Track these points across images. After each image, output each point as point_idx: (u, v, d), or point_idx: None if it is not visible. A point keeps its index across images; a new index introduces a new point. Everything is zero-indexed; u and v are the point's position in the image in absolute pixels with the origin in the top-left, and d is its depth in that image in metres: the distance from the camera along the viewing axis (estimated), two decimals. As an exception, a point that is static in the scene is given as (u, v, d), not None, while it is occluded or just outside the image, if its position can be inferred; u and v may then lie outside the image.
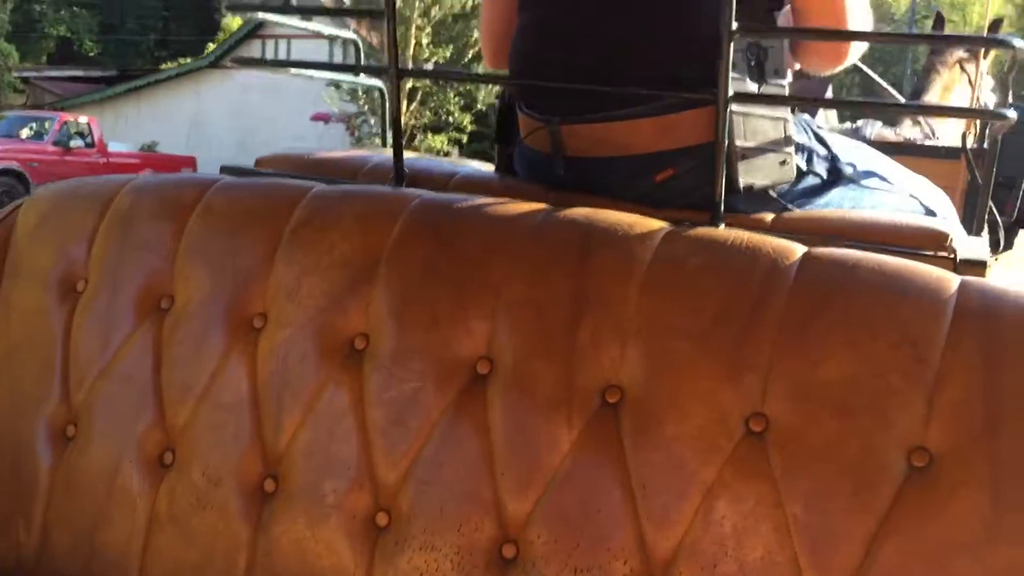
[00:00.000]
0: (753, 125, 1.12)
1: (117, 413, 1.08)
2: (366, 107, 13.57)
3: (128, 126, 20.94)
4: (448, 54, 11.85)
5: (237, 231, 1.09)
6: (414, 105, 11.75)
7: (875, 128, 3.44)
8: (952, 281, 0.84)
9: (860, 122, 3.44)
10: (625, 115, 1.16)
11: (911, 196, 1.31)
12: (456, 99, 12.90)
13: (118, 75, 23.86)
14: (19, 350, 1.16)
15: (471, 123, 13.44)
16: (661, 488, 0.84)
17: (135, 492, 1.05)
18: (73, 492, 1.08)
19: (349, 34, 1.67)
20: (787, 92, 1.18)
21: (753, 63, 1.12)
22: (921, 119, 3.46)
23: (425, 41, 11.34)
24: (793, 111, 1.19)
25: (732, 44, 0.97)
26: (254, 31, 19.11)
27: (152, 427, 1.06)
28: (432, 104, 11.97)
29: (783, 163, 1.15)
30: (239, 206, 1.11)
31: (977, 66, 3.50)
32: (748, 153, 1.12)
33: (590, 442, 0.88)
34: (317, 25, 1.75)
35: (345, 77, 1.83)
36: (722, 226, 1.01)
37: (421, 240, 1.01)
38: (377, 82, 1.76)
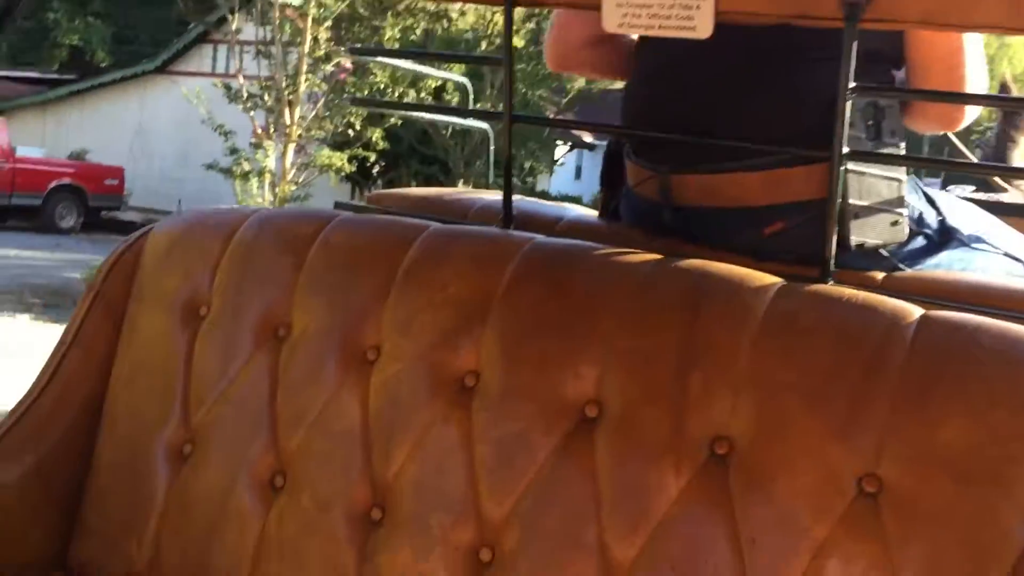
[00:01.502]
0: (868, 184, 1.12)
1: (233, 435, 1.12)
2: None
3: (69, 132, 19.62)
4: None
5: (354, 266, 1.13)
6: (307, 110, 10.11)
7: (966, 191, 3.36)
8: None
9: (951, 187, 3.37)
10: (736, 167, 1.17)
11: (1020, 259, 1.28)
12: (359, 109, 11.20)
13: (61, 79, 21.55)
14: (142, 371, 1.21)
15: (382, 139, 11.75)
16: (771, 544, 0.84)
17: (246, 513, 1.08)
18: (187, 510, 1.13)
19: (460, 78, 1.73)
20: (903, 153, 1.18)
21: (871, 123, 1.12)
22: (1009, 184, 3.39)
23: (324, 37, 9.95)
24: (908, 172, 1.19)
25: (849, 102, 0.98)
26: (203, 36, 17.84)
27: (265, 451, 1.09)
28: (334, 114, 10.41)
29: (895, 223, 1.15)
30: (356, 242, 1.15)
31: None
32: (861, 212, 1.12)
33: (698, 492, 0.88)
34: (430, 69, 1.81)
35: (458, 120, 1.90)
36: (831, 283, 1.01)
37: (533, 284, 1.04)
38: (484, 125, 1.80)
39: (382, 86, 11.23)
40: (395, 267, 1.10)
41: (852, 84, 0.97)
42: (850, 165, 1.09)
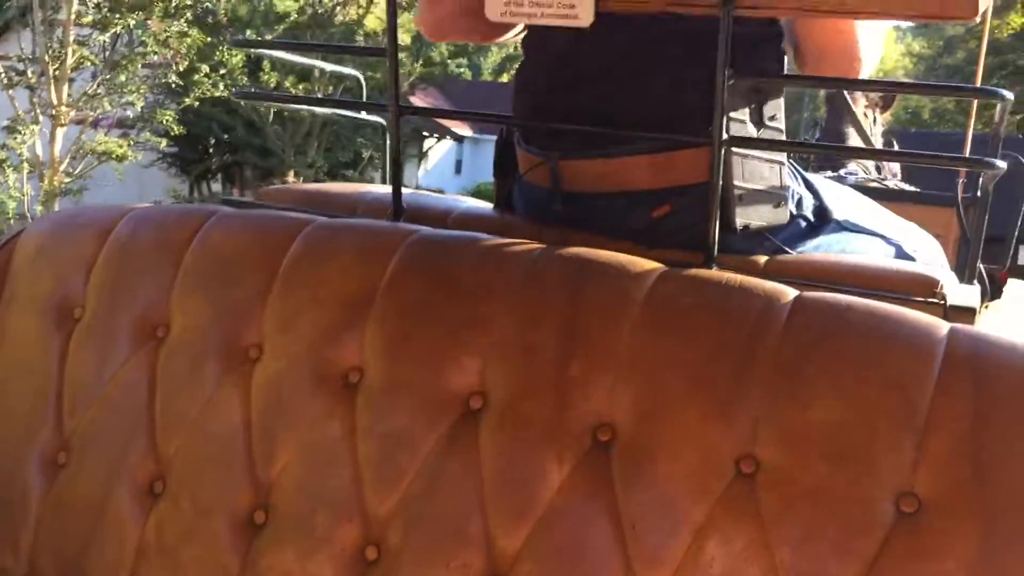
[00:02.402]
0: (751, 167, 1.13)
1: (109, 441, 1.08)
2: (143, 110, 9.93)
3: None
4: (129, 23, 8.65)
5: (234, 263, 1.10)
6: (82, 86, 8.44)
7: (858, 176, 3.48)
8: (942, 327, 0.85)
9: (843, 170, 3.48)
10: (623, 151, 1.17)
11: (898, 242, 1.32)
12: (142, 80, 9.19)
13: None
14: (14, 376, 1.16)
15: (175, 122, 9.83)
16: (651, 527, 0.84)
17: (124, 521, 1.04)
18: (62, 519, 1.08)
19: (353, 71, 1.70)
20: (783, 137, 1.20)
21: (753, 106, 1.14)
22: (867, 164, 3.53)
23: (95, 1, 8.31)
24: (789, 157, 1.21)
25: (727, 88, 0.99)
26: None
27: (144, 456, 1.06)
28: (112, 92, 8.70)
29: (777, 206, 1.17)
30: (237, 238, 1.12)
31: (880, 113, 3.61)
32: (745, 194, 1.13)
33: (581, 480, 0.88)
34: (320, 63, 1.78)
35: (347, 113, 1.86)
36: (715, 268, 1.02)
37: (417, 276, 1.02)
38: (380, 119, 1.78)
39: (273, 82, 10.51)
40: (277, 263, 1.08)
41: (728, 71, 0.98)
42: (735, 148, 1.10)
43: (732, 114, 1.11)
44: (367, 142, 14.04)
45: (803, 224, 1.23)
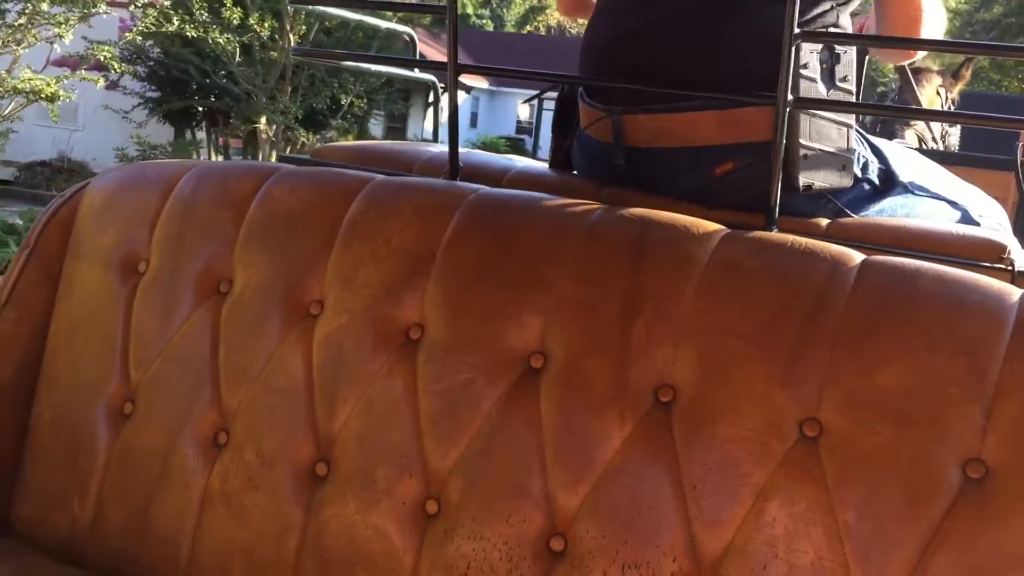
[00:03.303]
0: (818, 127, 1.12)
1: (174, 393, 1.10)
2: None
3: None
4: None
5: (296, 219, 1.11)
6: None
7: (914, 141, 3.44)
8: (1013, 293, 0.84)
9: (896, 139, 3.45)
10: (687, 107, 1.16)
11: (964, 206, 1.30)
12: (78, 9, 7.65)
13: None
14: (80, 329, 1.18)
15: (114, 59, 8.39)
16: (712, 489, 0.85)
17: (189, 471, 1.07)
18: (128, 469, 1.11)
19: (406, 28, 1.69)
20: (853, 99, 1.18)
21: (824, 66, 1.12)
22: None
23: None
24: (857, 119, 1.19)
25: (797, 46, 0.97)
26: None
27: (208, 408, 1.08)
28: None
29: (843, 168, 1.15)
30: (299, 195, 1.13)
31: (950, 91, 3.59)
32: (810, 154, 1.12)
33: (642, 440, 0.89)
34: (375, 19, 1.77)
35: (402, 71, 1.85)
36: (775, 230, 1.01)
37: (477, 235, 1.02)
38: (431, 76, 1.77)
39: (237, 18, 9.38)
40: (338, 220, 1.08)
41: (797, 29, 0.97)
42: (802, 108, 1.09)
43: (804, 72, 1.09)
44: (346, 87, 12.56)
45: (867, 188, 1.21)
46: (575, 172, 1.39)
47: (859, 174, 1.20)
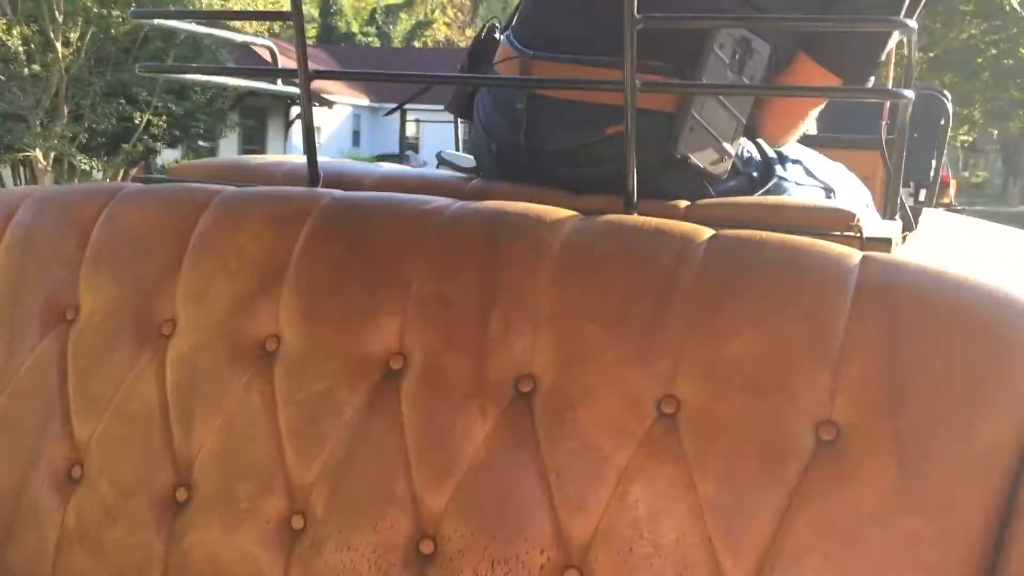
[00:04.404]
0: (712, 109, 1.12)
1: (23, 428, 1.05)
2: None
3: None
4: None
5: (143, 238, 1.07)
6: None
7: None
8: (853, 256, 0.85)
9: None
10: (593, 62, 1.17)
11: (834, 188, 1.33)
12: None
13: None
14: None
15: None
16: (576, 475, 0.84)
17: (43, 509, 1.01)
18: None
19: (264, 40, 1.65)
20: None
21: (737, 55, 1.13)
22: None
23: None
24: None
25: (635, 34, 0.98)
26: None
27: (59, 441, 1.02)
28: None
29: (720, 159, 1.16)
30: (145, 213, 1.09)
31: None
32: (696, 127, 1.12)
33: (504, 433, 0.87)
34: (229, 33, 1.73)
35: (259, 84, 1.80)
36: (635, 212, 1.01)
37: (331, 239, 1.00)
38: (293, 88, 1.74)
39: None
40: (187, 235, 1.05)
41: (637, 15, 0.97)
42: (707, 82, 1.11)
43: (718, 51, 1.10)
44: (139, 105, 10.51)
45: (746, 181, 1.22)
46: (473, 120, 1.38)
47: (740, 166, 1.21)
